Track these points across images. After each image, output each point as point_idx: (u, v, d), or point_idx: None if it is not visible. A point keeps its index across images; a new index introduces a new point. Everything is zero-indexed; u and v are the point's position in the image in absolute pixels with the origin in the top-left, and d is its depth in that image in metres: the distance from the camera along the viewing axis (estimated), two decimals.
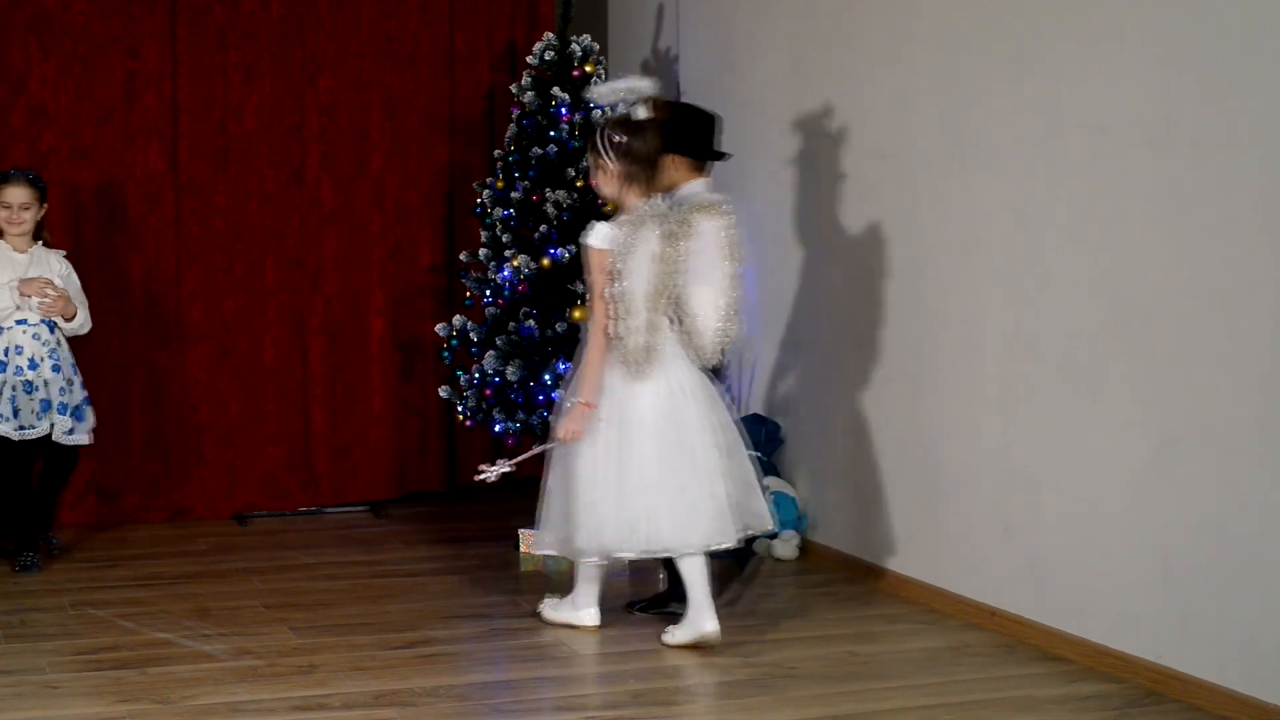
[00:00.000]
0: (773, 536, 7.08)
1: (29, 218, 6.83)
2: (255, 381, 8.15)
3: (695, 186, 6.09)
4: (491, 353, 7.26)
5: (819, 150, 6.99)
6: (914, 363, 6.36)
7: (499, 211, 7.44)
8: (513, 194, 7.40)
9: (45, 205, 6.94)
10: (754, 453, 7.19)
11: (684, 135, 6.10)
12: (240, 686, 5.20)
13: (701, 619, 5.68)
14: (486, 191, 7.56)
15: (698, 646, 5.67)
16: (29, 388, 6.72)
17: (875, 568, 6.62)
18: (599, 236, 5.72)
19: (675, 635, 5.74)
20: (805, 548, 7.09)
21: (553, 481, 5.88)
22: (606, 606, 6.02)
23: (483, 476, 5.94)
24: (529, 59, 7.58)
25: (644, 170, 5.76)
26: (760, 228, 7.49)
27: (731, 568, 6.66)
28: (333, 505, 8.24)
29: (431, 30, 8.44)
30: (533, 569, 7.00)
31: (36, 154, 7.65)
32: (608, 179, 5.80)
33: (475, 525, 7.86)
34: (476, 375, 7.37)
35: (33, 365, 6.74)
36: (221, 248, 8.03)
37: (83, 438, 6.90)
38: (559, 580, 6.76)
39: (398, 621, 6.07)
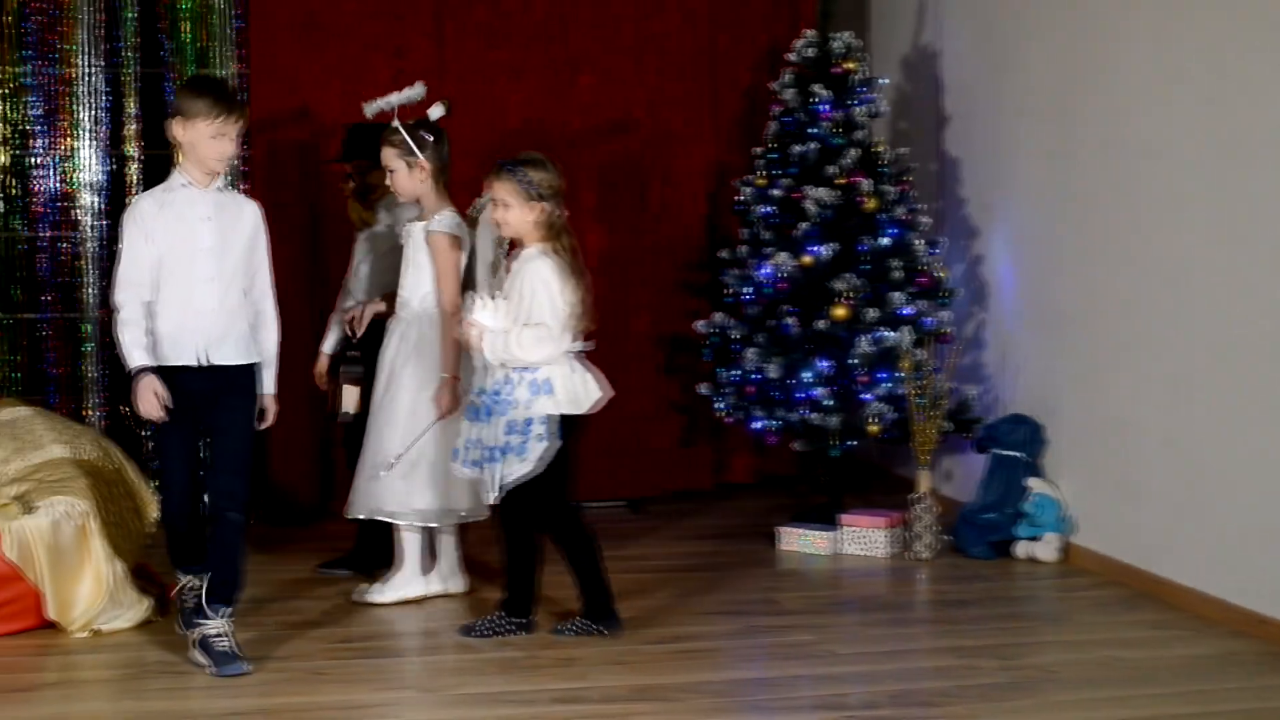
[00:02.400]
0: (1034, 539, 7.00)
1: (512, 219, 5.81)
2: None
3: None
4: (752, 350, 7.28)
5: (1084, 148, 6.88)
6: (1177, 363, 6.22)
7: (759, 209, 7.46)
8: (773, 191, 7.41)
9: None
10: (1017, 453, 7.13)
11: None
12: (501, 678, 5.30)
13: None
14: (747, 189, 7.58)
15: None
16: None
17: (1139, 572, 6.49)
18: (452, 225, 6.16)
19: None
20: (1067, 550, 6.99)
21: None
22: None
23: (385, 473, 6.13)
24: (789, 56, 7.59)
25: (447, 166, 6.27)
26: (1025, 226, 7.40)
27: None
28: (590, 501, 8.30)
29: (693, 29, 8.48)
30: (793, 566, 7.00)
31: (302, 151, 7.87)
32: (421, 177, 6.22)
33: (734, 522, 7.87)
34: (737, 372, 7.39)
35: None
36: None
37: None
38: (816, 577, 6.76)
39: (655, 617, 6.12)
